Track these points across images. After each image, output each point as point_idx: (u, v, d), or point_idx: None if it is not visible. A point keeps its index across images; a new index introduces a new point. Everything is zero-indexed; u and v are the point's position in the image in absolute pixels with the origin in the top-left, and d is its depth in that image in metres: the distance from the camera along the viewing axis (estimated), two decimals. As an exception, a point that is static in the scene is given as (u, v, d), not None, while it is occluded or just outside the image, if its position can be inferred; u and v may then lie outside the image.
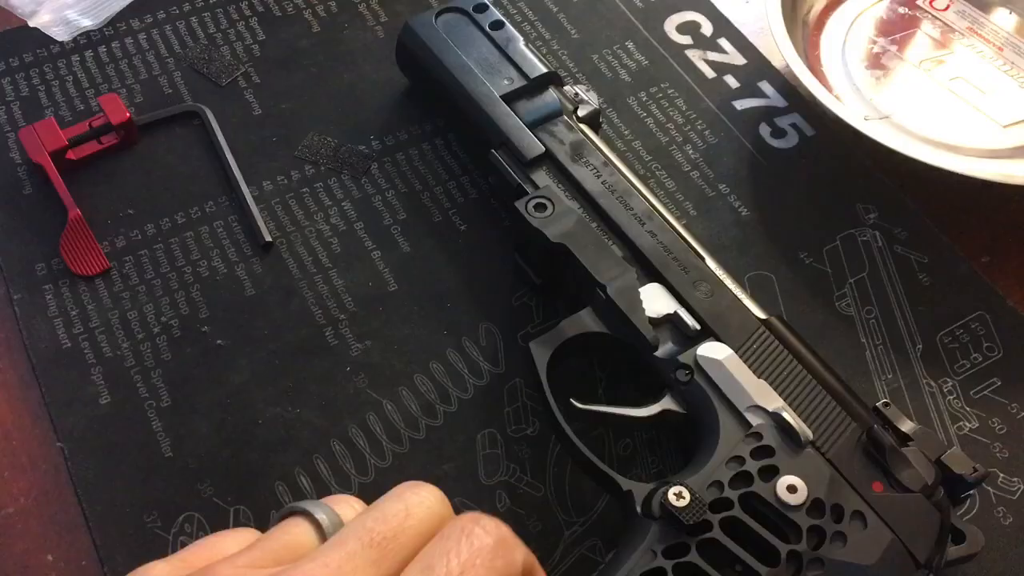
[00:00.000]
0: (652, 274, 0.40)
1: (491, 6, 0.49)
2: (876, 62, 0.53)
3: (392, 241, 0.46)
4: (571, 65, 0.54)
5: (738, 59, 0.55)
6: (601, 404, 0.37)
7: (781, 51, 0.49)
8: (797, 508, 0.33)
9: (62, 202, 0.46)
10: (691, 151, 0.50)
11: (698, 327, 0.38)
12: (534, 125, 0.44)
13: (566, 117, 0.45)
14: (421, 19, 0.49)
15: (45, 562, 0.37)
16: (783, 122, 0.52)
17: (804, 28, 0.55)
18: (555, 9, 0.56)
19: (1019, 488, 0.40)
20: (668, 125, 0.51)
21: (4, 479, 0.39)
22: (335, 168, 0.49)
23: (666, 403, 0.37)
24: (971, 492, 0.34)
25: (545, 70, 0.46)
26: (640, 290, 0.39)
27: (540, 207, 0.41)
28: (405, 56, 0.50)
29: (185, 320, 0.43)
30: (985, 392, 0.42)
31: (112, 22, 0.54)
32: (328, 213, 0.47)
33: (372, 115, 0.51)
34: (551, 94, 0.46)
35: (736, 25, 0.56)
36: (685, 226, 0.41)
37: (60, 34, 0.53)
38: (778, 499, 0.33)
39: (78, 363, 0.42)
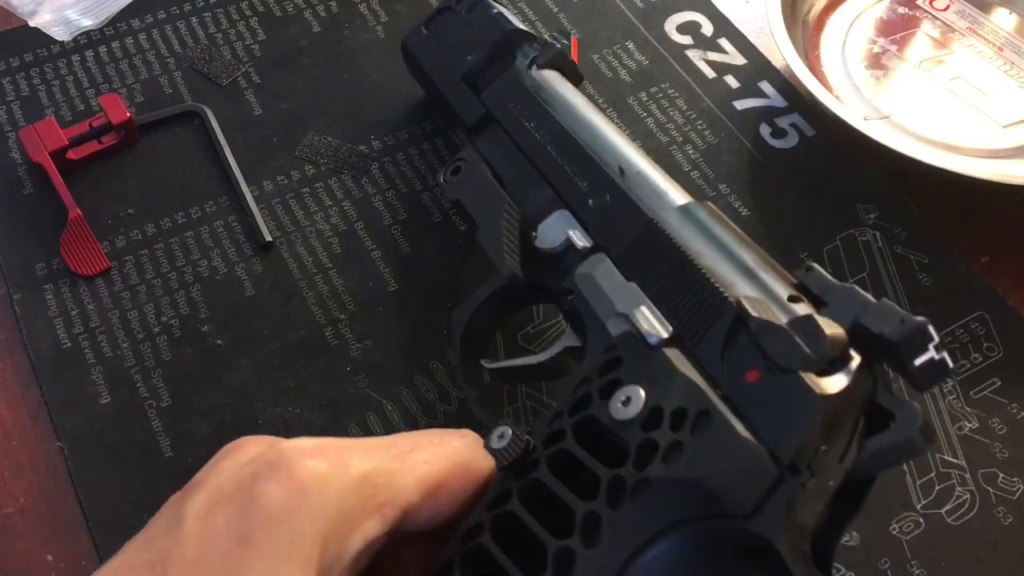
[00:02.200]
0: (561, 201, 0.37)
1: None
2: (876, 62, 0.53)
3: (392, 241, 0.46)
4: (542, 31, 0.53)
5: (738, 59, 0.55)
6: (504, 360, 0.36)
7: (781, 51, 0.49)
8: (629, 423, 0.27)
9: (62, 202, 0.46)
10: (691, 151, 0.50)
11: (589, 244, 0.35)
12: (484, 89, 0.43)
13: (515, 70, 0.42)
14: (410, 34, 0.48)
15: (45, 562, 0.37)
16: (783, 122, 0.52)
17: (804, 28, 0.55)
18: (555, 9, 0.56)
19: (1019, 488, 0.40)
20: (668, 125, 0.51)
21: (4, 479, 0.39)
22: (335, 168, 0.49)
23: (565, 340, 0.34)
24: (927, 357, 0.25)
25: (506, 29, 0.43)
26: (543, 223, 0.37)
27: (456, 171, 0.41)
28: (412, 71, 0.50)
29: (185, 320, 0.43)
30: (985, 392, 0.42)
31: (112, 22, 0.54)
32: (328, 213, 0.47)
33: (372, 115, 0.51)
34: (510, 54, 0.43)
35: (736, 25, 0.56)
36: (628, 141, 0.38)
37: (60, 34, 0.53)
38: (610, 416, 0.27)
39: (78, 363, 0.42)
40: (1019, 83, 0.52)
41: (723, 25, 0.56)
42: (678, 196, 0.34)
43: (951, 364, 0.26)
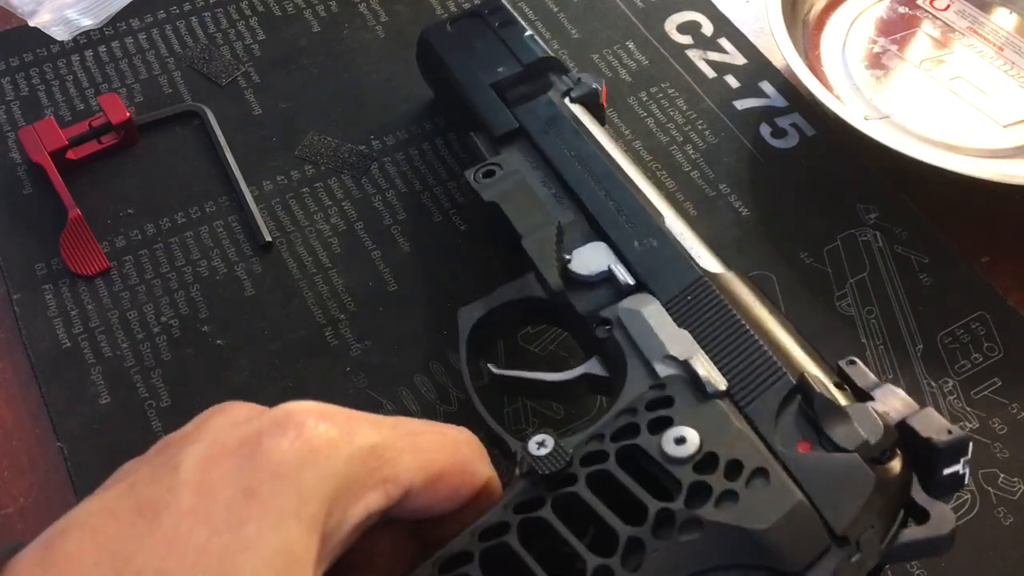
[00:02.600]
0: (599, 233, 0.38)
1: (506, 6, 0.49)
2: (876, 62, 0.53)
3: (392, 241, 0.46)
4: (571, 65, 0.53)
5: (738, 59, 0.55)
6: (516, 370, 0.36)
7: (781, 51, 0.49)
8: (682, 461, 0.28)
9: (62, 202, 0.46)
10: (691, 151, 0.50)
11: (632, 282, 0.35)
12: (516, 104, 0.44)
13: (552, 95, 0.44)
14: (435, 28, 0.48)
15: (45, 562, 0.37)
16: (783, 122, 0.52)
17: (804, 28, 0.55)
18: (555, 9, 0.56)
19: (1019, 488, 0.40)
20: (668, 125, 0.51)
21: (4, 479, 0.39)
22: (335, 168, 0.49)
23: (589, 366, 0.35)
24: (958, 471, 0.28)
25: (541, 55, 0.45)
26: (579, 249, 0.37)
27: (488, 173, 0.41)
28: (423, 65, 0.50)
29: (185, 320, 0.43)
30: (985, 392, 0.42)
31: (112, 22, 0.54)
32: (328, 213, 0.47)
33: (372, 115, 0.51)
34: (545, 77, 0.45)
35: (736, 25, 0.56)
36: (662, 194, 0.40)
37: (60, 34, 0.53)
38: (661, 451, 0.28)
39: (78, 363, 0.42)
40: (1019, 83, 0.52)
41: (723, 25, 0.56)
42: (715, 263, 0.36)
43: (968, 480, 0.29)
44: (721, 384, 0.31)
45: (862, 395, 0.30)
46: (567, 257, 0.37)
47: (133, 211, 0.47)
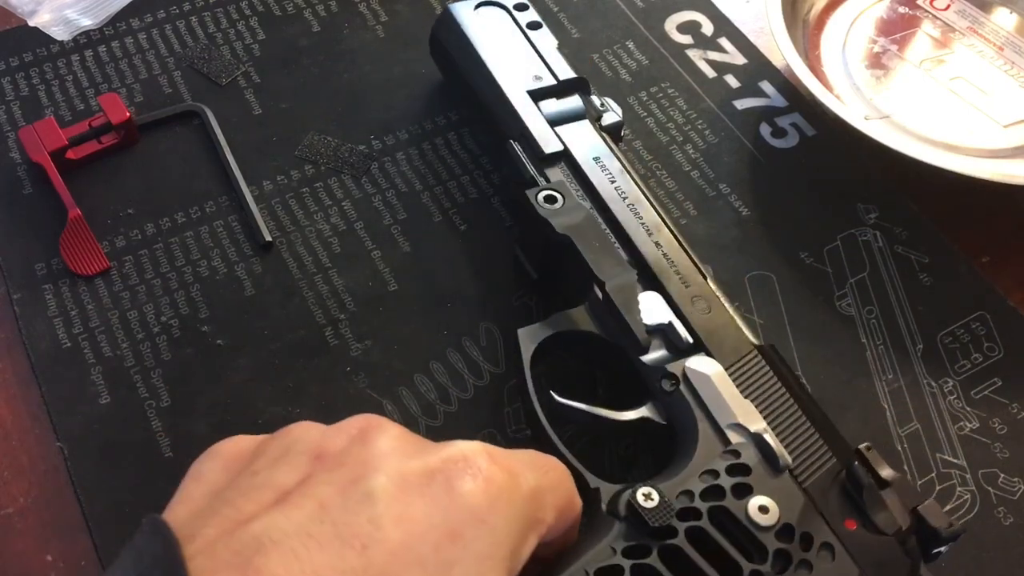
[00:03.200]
0: (653, 283, 0.39)
1: (531, 7, 0.49)
2: (876, 62, 0.53)
3: (392, 241, 0.46)
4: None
5: (738, 59, 0.55)
6: (579, 402, 0.37)
7: (781, 51, 0.49)
8: (766, 529, 0.32)
9: (62, 202, 0.46)
10: (691, 151, 0.50)
11: (691, 340, 0.37)
12: (556, 124, 0.44)
13: (588, 122, 0.45)
14: (461, 6, 0.49)
15: (45, 562, 0.37)
16: (783, 122, 0.52)
17: (804, 28, 0.55)
18: (555, 9, 0.56)
19: (1019, 488, 0.40)
20: (668, 125, 0.51)
21: (4, 479, 0.39)
22: (335, 168, 0.49)
23: (647, 411, 0.37)
24: (942, 550, 0.33)
25: (575, 75, 0.46)
26: (639, 296, 0.38)
27: (550, 199, 0.41)
28: (438, 41, 0.50)
29: (185, 320, 0.43)
30: (986, 392, 0.42)
31: (112, 21, 0.54)
32: (328, 213, 0.47)
33: (372, 115, 0.51)
34: (577, 99, 0.46)
35: (736, 25, 0.56)
36: (690, 246, 0.41)
37: (60, 33, 0.53)
38: (748, 517, 0.32)
39: (78, 363, 0.42)
40: (1019, 83, 0.52)
41: (723, 25, 0.56)
42: (753, 335, 0.38)
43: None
44: (789, 460, 0.34)
45: (881, 481, 0.34)
46: None
47: (133, 211, 0.47)
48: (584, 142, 0.44)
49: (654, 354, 0.37)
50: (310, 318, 0.44)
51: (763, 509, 0.32)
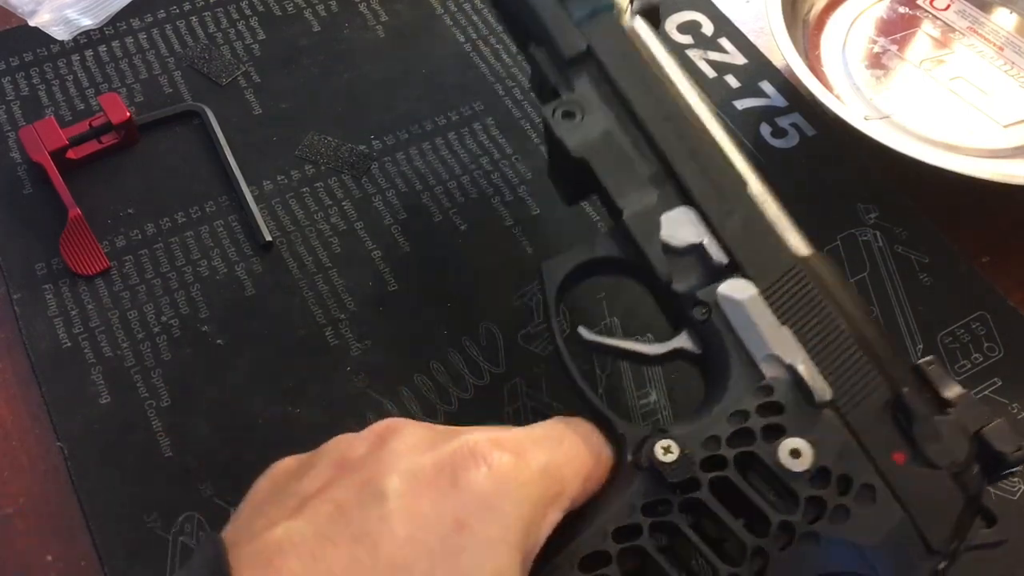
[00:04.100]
0: (685, 196, 0.35)
1: None
2: (876, 62, 0.53)
3: (392, 241, 0.46)
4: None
5: (739, 59, 0.55)
6: (613, 337, 0.35)
7: (781, 51, 0.49)
8: (798, 475, 0.29)
9: (62, 201, 0.46)
10: (691, 151, 0.50)
11: (725, 261, 0.34)
12: (582, 21, 0.39)
13: (617, 13, 0.39)
14: None
15: (45, 562, 0.37)
16: (783, 122, 0.52)
17: (804, 28, 0.55)
18: (555, 9, 0.56)
19: (1020, 488, 0.40)
20: (668, 125, 0.51)
21: (4, 479, 0.39)
22: (335, 168, 0.49)
23: (680, 341, 0.34)
24: (1012, 471, 0.30)
25: None
26: (667, 214, 0.35)
27: (568, 115, 0.37)
28: None
29: (185, 320, 0.43)
30: (986, 392, 0.42)
31: (112, 21, 0.54)
32: (328, 213, 0.47)
33: (372, 115, 0.51)
34: None
35: (736, 25, 0.56)
36: (735, 143, 0.37)
37: (60, 33, 0.53)
38: (778, 463, 0.30)
39: (78, 363, 0.42)
40: (1019, 83, 0.52)
41: (723, 25, 0.56)
42: (803, 243, 0.35)
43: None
44: (827, 394, 0.31)
45: (943, 402, 0.31)
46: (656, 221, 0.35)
47: (133, 211, 0.47)
48: (613, 38, 0.38)
49: (686, 278, 0.34)
50: (310, 318, 0.44)
51: (795, 453, 0.30)
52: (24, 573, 0.37)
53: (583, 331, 0.35)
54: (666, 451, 0.30)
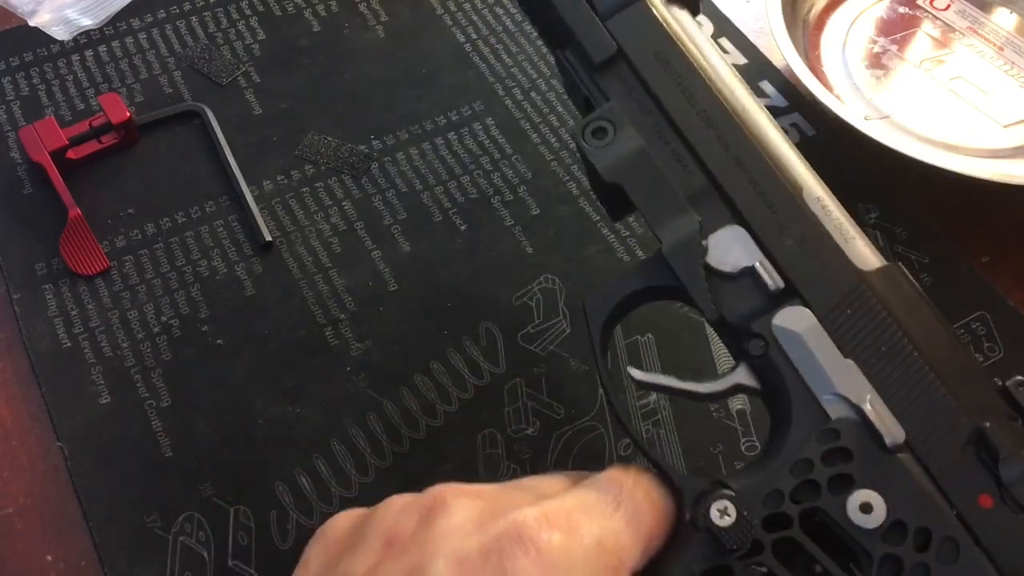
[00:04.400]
0: (732, 212, 0.32)
1: None
2: (876, 62, 0.53)
3: (392, 241, 0.46)
4: None
5: (739, 59, 0.55)
6: (662, 374, 0.33)
7: (781, 51, 0.49)
8: (871, 532, 0.27)
9: (62, 201, 0.46)
10: (691, 151, 0.50)
11: (781, 284, 0.31)
12: (610, 14, 0.35)
13: (646, 3, 0.35)
14: None
15: (45, 562, 0.37)
16: (784, 122, 0.52)
17: (804, 28, 0.55)
18: (555, 9, 0.56)
19: (1019, 488, 0.40)
20: (668, 125, 0.51)
21: (4, 479, 0.39)
22: (335, 168, 0.49)
23: (738, 376, 0.31)
24: None
25: None
26: (714, 235, 0.32)
27: (599, 132, 0.34)
28: None
29: (185, 320, 0.43)
30: (985, 392, 0.42)
31: (112, 21, 0.54)
32: (328, 213, 0.47)
33: (372, 115, 0.51)
34: None
35: (736, 25, 0.56)
36: (786, 140, 0.34)
37: (60, 33, 0.53)
38: (848, 519, 0.27)
39: (78, 363, 0.42)
40: (1019, 83, 0.52)
41: (723, 25, 0.56)
42: (870, 253, 0.32)
43: None
44: (900, 436, 0.28)
45: None
46: (703, 244, 0.32)
47: (133, 211, 0.47)
48: (644, 34, 0.35)
49: (739, 307, 0.31)
50: (310, 318, 0.44)
51: (865, 507, 0.27)
52: (24, 573, 0.37)
53: (633, 371, 0.32)
54: (722, 514, 0.28)
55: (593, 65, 0.35)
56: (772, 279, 0.31)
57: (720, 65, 0.35)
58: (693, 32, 0.36)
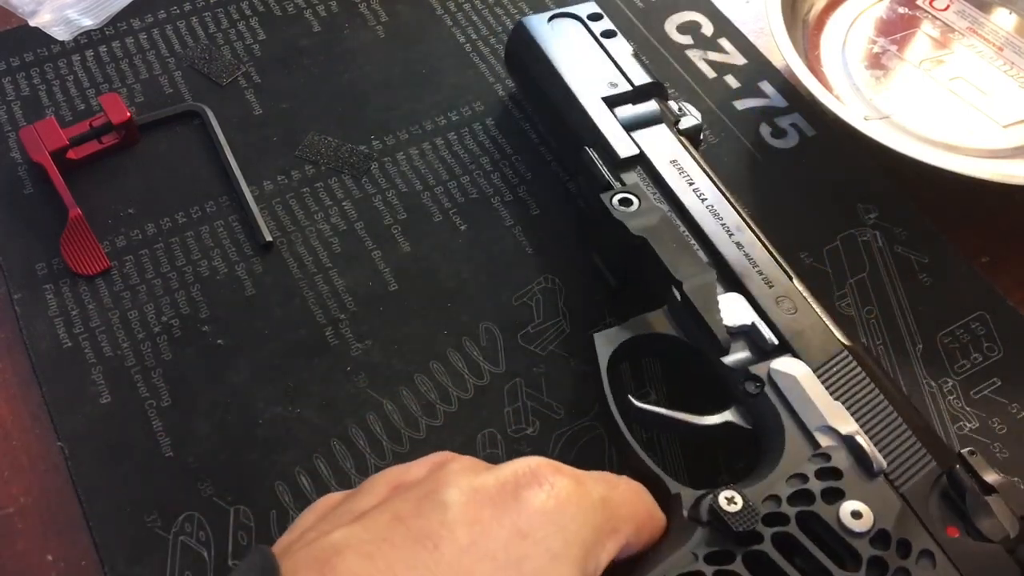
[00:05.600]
0: (734, 285, 0.38)
1: (605, 16, 0.49)
2: (876, 62, 0.53)
3: (392, 241, 0.46)
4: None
5: (739, 59, 0.55)
6: (660, 406, 0.36)
7: (781, 51, 0.49)
8: (860, 535, 0.30)
9: (62, 201, 0.46)
10: (691, 151, 0.50)
11: (776, 342, 0.36)
12: (632, 128, 0.44)
13: (666, 126, 0.44)
14: (535, 19, 0.49)
15: (45, 562, 0.37)
16: (783, 122, 0.52)
17: (804, 28, 0.55)
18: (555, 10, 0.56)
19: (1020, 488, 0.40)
20: (668, 125, 0.51)
21: (4, 479, 0.39)
22: (335, 168, 0.49)
23: (730, 415, 0.36)
24: None
25: (651, 80, 0.46)
26: (720, 297, 0.38)
27: (626, 202, 0.41)
28: (513, 55, 0.50)
29: (185, 320, 0.43)
30: (985, 392, 0.42)
31: (112, 21, 0.54)
32: (328, 213, 0.47)
33: (372, 115, 0.51)
34: (653, 103, 0.45)
35: (736, 25, 0.56)
36: (776, 246, 0.40)
37: (61, 33, 0.54)
38: (840, 523, 0.31)
39: (78, 363, 0.42)
40: (1019, 83, 0.52)
41: (723, 25, 0.56)
42: (841, 334, 0.37)
43: None
44: (884, 464, 0.32)
45: (985, 487, 0.32)
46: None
47: (134, 211, 0.47)
48: (660, 146, 0.43)
49: (737, 356, 0.36)
50: (310, 318, 0.44)
51: (856, 514, 0.31)
52: (24, 573, 0.37)
53: (633, 401, 0.36)
54: (730, 501, 0.30)
55: (616, 161, 0.42)
56: (768, 336, 0.36)
57: (715, 184, 0.42)
58: (696, 153, 0.43)
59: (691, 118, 0.45)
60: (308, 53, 0.54)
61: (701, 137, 0.47)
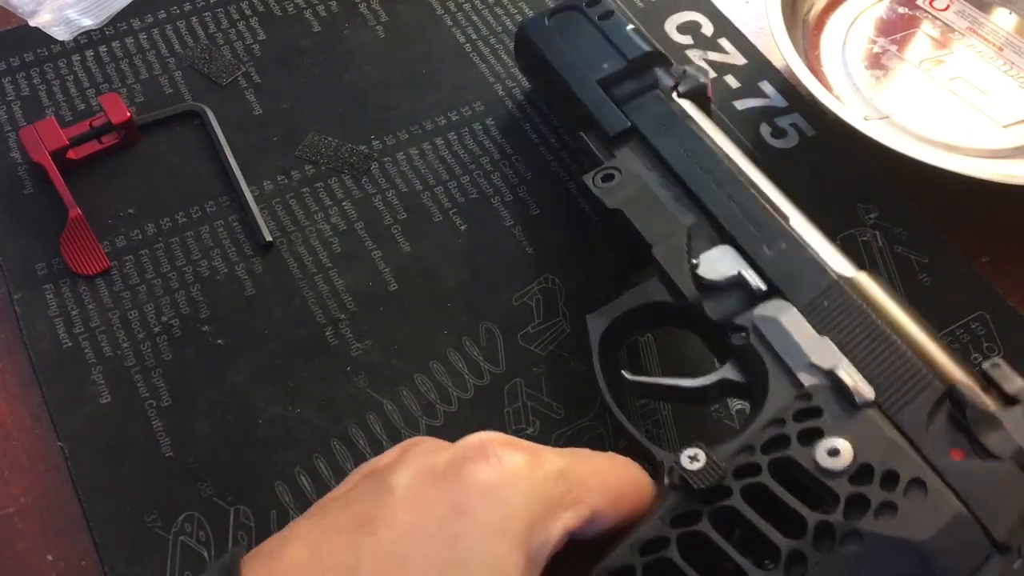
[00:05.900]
0: (724, 236, 0.37)
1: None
2: (876, 62, 0.53)
3: (392, 241, 0.46)
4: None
5: (738, 59, 0.55)
6: (653, 376, 0.36)
7: (781, 51, 0.49)
8: (837, 474, 0.28)
9: (62, 201, 0.46)
10: (691, 151, 0.50)
11: (764, 287, 0.35)
12: (625, 102, 0.43)
13: (660, 92, 0.43)
14: (532, 20, 0.49)
15: (45, 562, 0.37)
16: (783, 122, 0.52)
17: (804, 28, 0.55)
18: (555, 9, 0.56)
19: (1019, 488, 0.40)
20: (668, 125, 0.51)
21: (4, 479, 0.39)
22: (335, 168, 0.49)
23: (724, 372, 0.35)
24: None
25: (646, 49, 0.45)
26: (706, 254, 0.37)
27: (607, 177, 0.40)
28: (522, 62, 0.50)
29: (185, 320, 0.43)
30: (985, 392, 0.42)
31: (113, 21, 0.54)
32: (328, 213, 0.47)
33: (372, 115, 0.51)
34: (651, 72, 0.44)
35: (736, 25, 0.56)
36: (781, 191, 0.39)
37: (61, 33, 0.54)
38: (816, 464, 0.29)
39: (78, 363, 0.42)
40: (1019, 83, 0.52)
41: (723, 25, 0.56)
42: (847, 265, 0.35)
43: None
44: (869, 393, 0.30)
45: (1008, 399, 0.30)
46: (695, 262, 0.37)
47: (134, 211, 0.47)
48: (651, 113, 0.42)
49: (726, 309, 0.35)
50: (310, 318, 0.44)
51: (833, 452, 0.29)
52: (24, 573, 0.37)
53: (626, 374, 0.36)
54: (692, 459, 0.29)
55: (608, 139, 0.42)
56: (756, 282, 0.35)
57: (723, 138, 0.41)
58: (699, 117, 0.42)
59: (692, 79, 0.44)
60: (308, 53, 0.54)
61: (710, 95, 0.45)
